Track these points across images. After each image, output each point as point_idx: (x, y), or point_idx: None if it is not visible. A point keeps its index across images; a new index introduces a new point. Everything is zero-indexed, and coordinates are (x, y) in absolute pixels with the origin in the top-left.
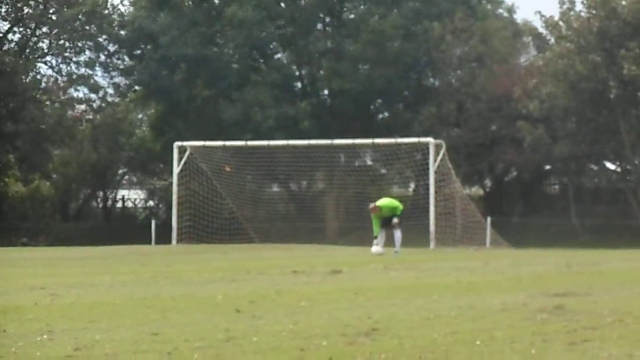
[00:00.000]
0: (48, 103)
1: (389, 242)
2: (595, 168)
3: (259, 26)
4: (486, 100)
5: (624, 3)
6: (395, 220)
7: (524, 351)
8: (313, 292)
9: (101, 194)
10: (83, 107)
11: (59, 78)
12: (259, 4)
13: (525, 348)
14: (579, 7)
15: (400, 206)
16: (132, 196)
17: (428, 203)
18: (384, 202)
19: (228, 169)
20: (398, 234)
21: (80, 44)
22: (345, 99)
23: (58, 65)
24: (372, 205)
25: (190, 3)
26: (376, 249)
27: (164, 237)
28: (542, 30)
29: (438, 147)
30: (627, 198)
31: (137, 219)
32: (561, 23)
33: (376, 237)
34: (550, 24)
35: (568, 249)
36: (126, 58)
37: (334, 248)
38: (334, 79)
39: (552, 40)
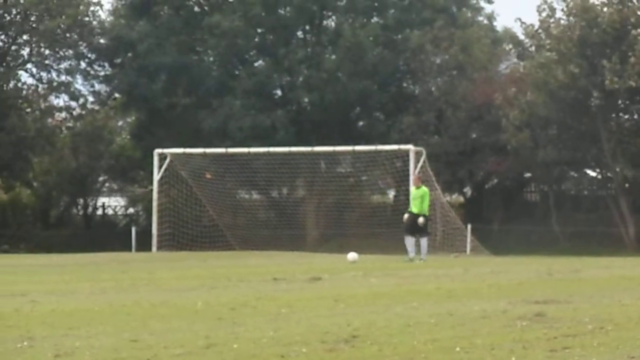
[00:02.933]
0: (28, 110)
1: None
2: (576, 175)
3: (241, 34)
4: (466, 108)
5: (605, 10)
6: (421, 220)
7: (504, 358)
8: (293, 299)
9: (81, 201)
10: (63, 114)
11: (39, 85)
12: (243, 13)
13: (505, 355)
14: (559, 14)
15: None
16: (112, 203)
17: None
18: (420, 192)
19: (208, 176)
20: (424, 242)
21: (60, 52)
22: (324, 107)
23: (38, 73)
24: (416, 176)
25: (169, 11)
26: (352, 255)
27: (144, 244)
28: (522, 37)
29: (418, 154)
30: (608, 205)
31: (117, 226)
32: (540, 31)
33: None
34: (529, 32)
35: (548, 255)
36: (106, 65)
37: (314, 255)
38: (313, 87)
39: (533, 48)
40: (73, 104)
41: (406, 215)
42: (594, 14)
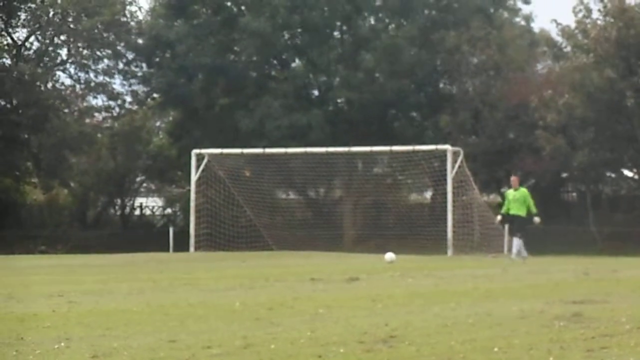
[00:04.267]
0: (66, 111)
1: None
2: (613, 175)
3: (273, 35)
4: (503, 108)
5: None
6: (537, 220)
7: (542, 358)
8: (330, 299)
9: (119, 201)
10: (102, 114)
11: (77, 86)
12: (273, 13)
13: (542, 355)
14: (595, 14)
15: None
16: (149, 203)
17: (445, 210)
18: (520, 193)
19: (248, 174)
20: (517, 240)
21: (98, 52)
22: (360, 107)
23: (76, 73)
24: (515, 177)
25: (207, 11)
26: (389, 255)
27: (181, 244)
28: (558, 38)
29: (455, 154)
30: None
31: (154, 226)
32: (577, 32)
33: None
34: (566, 32)
35: (585, 256)
36: (144, 66)
37: (351, 255)
38: (350, 88)
39: (569, 49)
40: (111, 103)
41: (499, 218)
42: (631, 15)
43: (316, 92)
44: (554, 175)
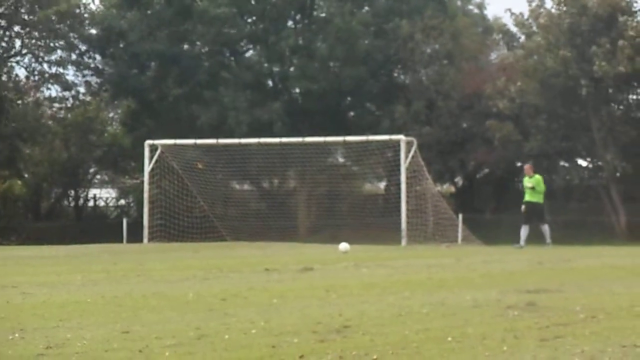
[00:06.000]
0: (19, 102)
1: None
2: (567, 165)
3: (230, 22)
4: (457, 97)
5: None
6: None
7: (496, 347)
8: (284, 289)
9: (72, 192)
10: (55, 105)
11: (31, 77)
12: (231, 1)
13: (496, 344)
14: (549, 4)
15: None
16: (103, 195)
17: (399, 200)
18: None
19: (200, 166)
20: (545, 228)
21: (51, 43)
22: (315, 97)
23: (30, 65)
24: (528, 165)
25: (161, 1)
26: (343, 245)
27: (135, 236)
28: (511, 27)
29: (409, 144)
30: (599, 194)
31: (108, 218)
32: (530, 20)
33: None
34: (519, 21)
35: (540, 245)
36: (97, 56)
37: (305, 245)
38: (304, 77)
39: (522, 38)
40: (66, 94)
41: (524, 207)
42: (584, 3)
43: (271, 83)
44: (508, 165)
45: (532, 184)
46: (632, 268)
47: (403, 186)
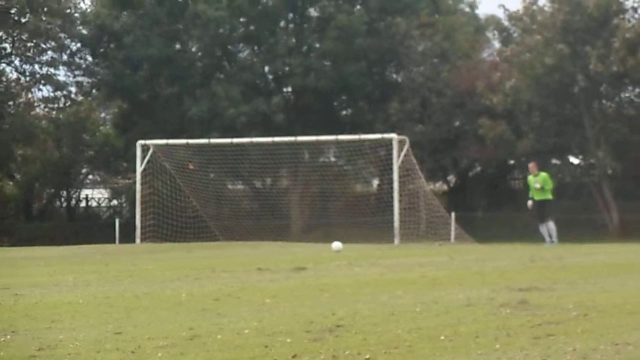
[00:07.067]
0: (11, 104)
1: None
2: (559, 162)
3: (225, 24)
4: (450, 95)
5: None
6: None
7: (488, 345)
8: (277, 289)
9: (64, 193)
10: (47, 106)
11: (22, 78)
12: (228, 3)
13: (489, 342)
14: (542, 1)
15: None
16: (95, 195)
17: (392, 198)
18: (539, 178)
19: (192, 167)
20: (551, 225)
21: (42, 44)
22: (309, 95)
23: (21, 66)
24: (533, 164)
25: (152, 1)
26: (336, 244)
27: (127, 236)
28: (505, 23)
29: (401, 143)
30: (591, 192)
31: (100, 218)
32: (525, 17)
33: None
34: (514, 17)
35: (532, 243)
36: (89, 57)
37: (298, 245)
38: (298, 76)
39: (516, 34)
40: (57, 94)
41: (530, 203)
42: (577, 0)
43: (265, 81)
44: (500, 163)
45: (540, 184)
46: (625, 265)
47: (396, 185)
